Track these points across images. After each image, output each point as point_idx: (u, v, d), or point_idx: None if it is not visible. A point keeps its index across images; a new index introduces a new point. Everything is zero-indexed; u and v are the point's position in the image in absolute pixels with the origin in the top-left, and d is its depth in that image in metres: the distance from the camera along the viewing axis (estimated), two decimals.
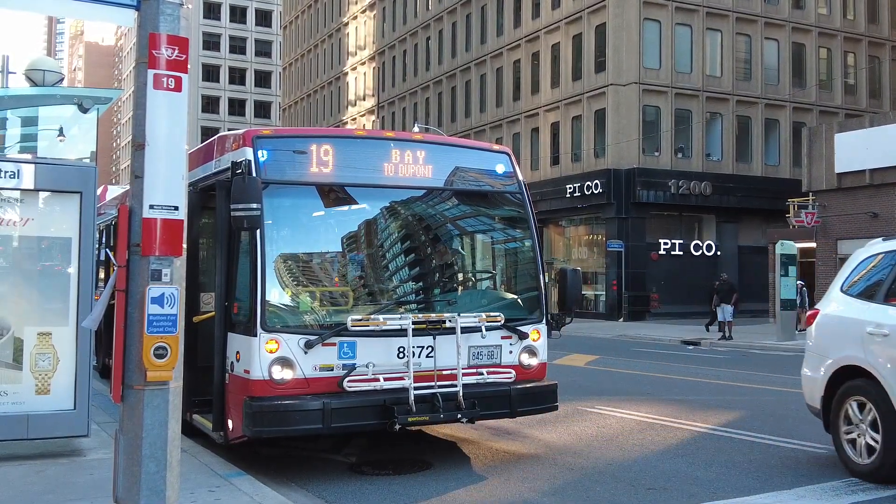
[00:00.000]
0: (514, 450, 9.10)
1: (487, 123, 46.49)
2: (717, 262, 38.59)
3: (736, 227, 40.28)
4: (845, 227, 31.35)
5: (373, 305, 8.23)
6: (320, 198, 8.30)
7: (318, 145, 8.11)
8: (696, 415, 11.32)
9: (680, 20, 39.14)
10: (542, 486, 7.58)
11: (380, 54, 58.99)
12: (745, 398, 13.15)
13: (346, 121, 63.88)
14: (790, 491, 7.23)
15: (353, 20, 63.92)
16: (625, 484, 7.60)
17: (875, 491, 7.17)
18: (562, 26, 41.21)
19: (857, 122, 32.91)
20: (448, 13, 50.53)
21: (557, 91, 41.57)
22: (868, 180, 30.30)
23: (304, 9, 73.67)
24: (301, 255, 8.31)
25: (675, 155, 38.93)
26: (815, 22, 42.08)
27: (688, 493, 7.24)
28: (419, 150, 8.49)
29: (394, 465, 8.26)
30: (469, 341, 8.02)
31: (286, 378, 7.40)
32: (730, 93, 40.11)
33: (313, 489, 7.36)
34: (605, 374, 16.82)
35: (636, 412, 11.54)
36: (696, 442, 9.54)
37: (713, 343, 25.13)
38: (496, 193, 9.12)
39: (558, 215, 40.87)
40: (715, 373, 17.01)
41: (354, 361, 7.60)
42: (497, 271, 9.54)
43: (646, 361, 19.51)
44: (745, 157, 40.69)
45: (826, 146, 31.85)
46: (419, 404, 7.60)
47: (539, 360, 8.56)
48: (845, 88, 43.00)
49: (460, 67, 49.25)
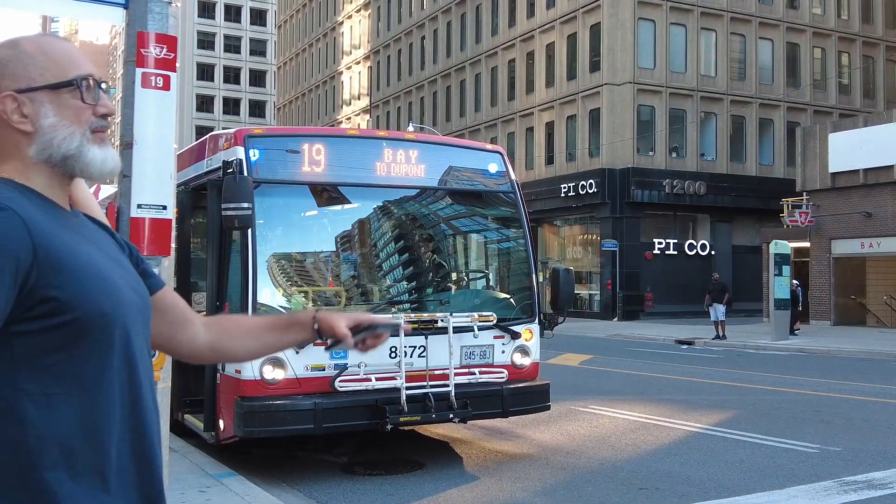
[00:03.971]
0: (506, 450, 9.09)
1: (482, 123, 46.48)
2: (711, 261, 38.62)
3: (730, 227, 40.33)
4: (839, 227, 31.42)
5: (365, 305, 8.22)
6: (312, 197, 8.28)
7: (309, 144, 8.09)
8: (689, 414, 11.32)
9: (674, 20, 39.16)
10: (535, 486, 7.57)
11: (374, 53, 58.95)
12: (737, 398, 13.16)
13: (340, 120, 63.84)
14: (782, 491, 7.23)
15: (347, 19, 63.87)
16: (617, 484, 7.59)
17: (866, 490, 7.18)
18: (556, 26, 41.22)
19: (851, 121, 32.98)
20: (442, 12, 50.51)
21: (552, 90, 41.57)
22: (862, 180, 30.36)
23: (299, 8, 73.58)
24: (293, 255, 8.29)
25: (669, 154, 38.95)
26: (809, 22, 42.14)
27: (680, 493, 7.24)
28: (412, 149, 8.47)
29: (385, 466, 8.24)
30: (461, 341, 8.00)
31: (277, 378, 7.38)
32: (724, 92, 40.14)
33: (305, 489, 7.34)
34: (599, 374, 16.83)
35: (629, 412, 11.54)
36: (688, 442, 9.54)
37: (707, 343, 25.16)
38: (489, 193, 9.10)
39: (553, 215, 40.87)
40: (708, 372, 17.02)
41: (346, 361, 7.58)
42: (490, 271, 9.53)
43: (640, 361, 19.52)
44: (739, 156, 40.73)
45: (820, 146, 31.92)
46: (411, 404, 7.58)
47: (532, 360, 8.55)
48: (839, 88, 43.06)
49: (455, 67, 49.23)
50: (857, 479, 7.58)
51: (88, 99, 1.65)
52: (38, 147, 1.63)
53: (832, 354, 21.76)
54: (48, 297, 1.51)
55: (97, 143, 1.67)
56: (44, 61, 1.63)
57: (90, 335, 1.55)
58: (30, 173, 1.64)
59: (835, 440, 9.46)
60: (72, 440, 1.52)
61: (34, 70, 1.62)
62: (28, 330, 1.50)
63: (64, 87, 1.63)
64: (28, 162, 1.64)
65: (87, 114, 1.66)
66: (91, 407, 1.55)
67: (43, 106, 1.62)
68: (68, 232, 1.61)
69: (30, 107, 1.61)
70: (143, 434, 1.64)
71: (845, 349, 22.39)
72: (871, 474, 7.79)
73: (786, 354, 21.99)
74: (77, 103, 1.64)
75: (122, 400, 1.60)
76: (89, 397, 1.55)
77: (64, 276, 1.53)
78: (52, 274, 1.51)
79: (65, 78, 1.63)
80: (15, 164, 1.64)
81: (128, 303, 1.62)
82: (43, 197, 1.63)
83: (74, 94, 1.64)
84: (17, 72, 1.62)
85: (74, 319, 1.52)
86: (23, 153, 1.63)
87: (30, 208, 1.55)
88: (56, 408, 1.52)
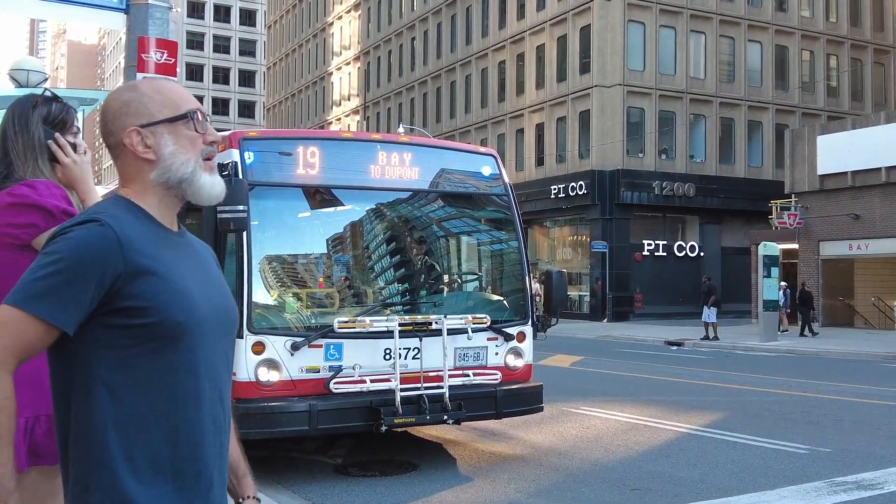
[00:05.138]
0: (499, 451, 9.14)
1: (472, 124, 46.54)
2: (700, 263, 38.80)
3: (719, 229, 40.50)
4: (827, 229, 31.60)
5: (359, 307, 8.25)
6: (307, 200, 8.31)
7: (304, 147, 8.12)
8: (680, 415, 11.40)
9: (664, 22, 39.31)
10: (528, 486, 7.63)
11: (365, 54, 58.93)
12: (727, 399, 13.25)
13: (330, 121, 63.79)
14: (773, 491, 7.30)
15: (337, 20, 63.82)
16: (609, 484, 7.65)
17: (857, 491, 7.26)
18: (547, 28, 41.31)
19: (840, 124, 33.18)
20: (433, 14, 50.55)
21: (542, 92, 41.67)
22: (850, 182, 30.55)
23: (289, 8, 73.49)
24: (287, 257, 8.32)
25: (658, 156, 39.10)
26: (798, 24, 42.36)
27: (672, 494, 7.30)
28: (406, 152, 8.51)
29: (380, 467, 8.28)
30: (455, 343, 8.04)
31: (272, 380, 7.41)
32: (713, 95, 40.32)
33: (299, 490, 7.37)
34: (590, 375, 16.90)
35: (620, 413, 11.61)
36: (679, 443, 9.62)
37: (696, 343, 25.28)
38: (482, 195, 9.16)
39: (543, 216, 40.96)
40: (698, 373, 17.12)
41: (341, 363, 7.61)
42: (483, 273, 9.58)
43: (630, 362, 19.61)
44: (728, 158, 40.90)
45: (808, 148, 32.11)
46: (405, 406, 7.62)
47: (525, 362, 8.60)
48: (828, 91, 43.30)
49: (445, 68, 49.27)
50: (847, 480, 7.66)
51: (200, 129, 1.93)
52: (158, 172, 1.90)
53: (820, 356, 21.91)
54: (129, 302, 1.77)
55: (207, 170, 1.94)
56: (161, 99, 1.92)
57: (163, 339, 1.79)
58: (146, 195, 1.91)
59: (824, 441, 9.54)
60: (131, 426, 1.76)
61: (153, 107, 1.91)
62: (107, 324, 1.77)
63: (179, 120, 1.91)
64: (147, 185, 1.91)
65: (199, 142, 1.94)
66: (154, 403, 1.79)
67: (163, 137, 1.90)
68: (165, 249, 1.87)
69: (152, 139, 1.89)
70: (200, 437, 1.85)
71: (834, 350, 22.54)
72: (861, 475, 7.88)
73: (774, 356, 22.12)
74: (191, 133, 1.92)
75: (184, 403, 1.82)
76: (154, 394, 1.79)
77: (147, 286, 1.78)
78: (136, 283, 1.77)
79: (179, 112, 1.92)
80: (136, 186, 1.92)
81: (203, 317, 1.86)
82: (149, 216, 1.90)
83: (188, 125, 1.92)
84: (140, 110, 1.90)
85: (150, 324, 1.78)
86: (145, 178, 1.91)
87: (132, 225, 1.83)
88: (124, 397, 1.77)
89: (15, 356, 1.73)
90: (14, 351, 1.72)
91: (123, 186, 1.94)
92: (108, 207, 1.86)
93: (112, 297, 1.76)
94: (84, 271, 1.73)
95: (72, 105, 2.97)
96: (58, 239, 1.78)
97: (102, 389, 1.76)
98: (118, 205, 1.88)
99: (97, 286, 1.74)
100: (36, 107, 2.75)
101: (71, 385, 1.78)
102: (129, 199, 1.90)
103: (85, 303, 1.74)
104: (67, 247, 1.75)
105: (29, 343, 1.73)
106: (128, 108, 1.90)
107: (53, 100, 2.79)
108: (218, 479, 1.91)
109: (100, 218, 1.78)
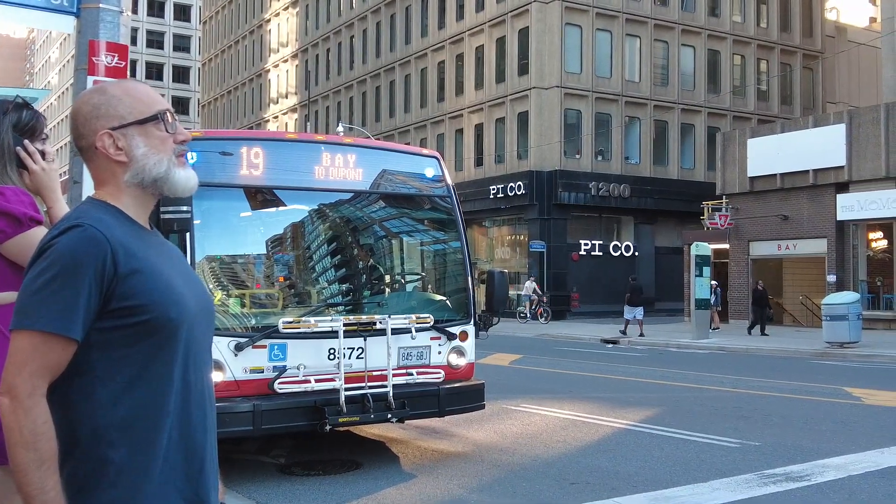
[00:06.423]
0: (442, 448, 9.26)
1: (412, 124, 46.62)
2: (634, 262, 39.49)
3: (653, 229, 41.28)
4: (757, 229, 32.47)
5: (304, 307, 8.29)
6: (250, 200, 8.32)
7: (248, 148, 8.12)
8: (616, 412, 11.67)
9: (601, 26, 39.91)
10: (470, 482, 7.76)
11: (303, 52, 58.55)
12: (661, 395, 13.59)
13: (267, 119, 63.22)
14: (706, 483, 7.56)
15: (275, 17, 63.28)
16: (549, 479, 7.83)
17: (786, 483, 7.55)
18: (485, 29, 41.61)
19: (769, 127, 34.11)
20: (372, 12, 50.47)
21: (481, 93, 41.96)
22: (779, 184, 31.43)
23: (225, 4, 72.59)
24: (231, 258, 8.31)
25: (595, 158, 39.69)
26: (729, 30, 43.39)
27: (609, 487, 7.51)
28: (350, 153, 8.56)
29: (323, 466, 8.33)
30: (399, 342, 8.14)
31: (216, 381, 7.39)
32: (648, 98, 41.07)
33: (244, 491, 7.38)
34: (529, 373, 17.13)
35: (559, 410, 11.83)
36: (616, 438, 9.86)
37: (632, 341, 25.77)
38: (426, 197, 9.26)
39: (482, 216, 41.25)
40: (633, 370, 17.48)
41: (285, 363, 7.65)
42: (426, 273, 9.69)
43: (567, 360, 19.92)
44: (661, 160, 41.71)
45: (739, 151, 32.95)
46: (350, 405, 7.69)
47: (467, 360, 8.73)
48: (758, 95, 44.45)
49: (384, 67, 49.25)
50: (777, 472, 7.96)
51: (170, 129, 1.98)
52: (132, 173, 1.94)
53: (751, 353, 22.51)
54: (123, 302, 1.80)
55: (180, 165, 2.01)
56: (130, 101, 1.95)
57: (157, 335, 1.84)
58: (121, 195, 1.94)
59: (754, 435, 9.88)
60: (132, 422, 1.80)
61: (123, 109, 1.94)
62: (103, 326, 1.80)
63: (150, 121, 1.95)
64: (122, 186, 1.95)
65: (170, 142, 1.99)
66: (151, 396, 1.82)
67: (134, 139, 1.94)
68: (146, 248, 1.90)
69: (123, 141, 1.93)
70: (189, 423, 1.90)
71: (763, 347, 23.18)
72: (789, 467, 8.19)
73: (706, 353, 22.67)
74: (161, 133, 1.97)
75: (177, 394, 1.87)
76: (151, 388, 1.82)
77: (139, 285, 1.82)
78: (128, 283, 1.81)
79: (149, 113, 1.96)
80: (110, 188, 1.95)
81: (191, 311, 1.89)
82: (127, 216, 1.93)
83: (158, 126, 1.97)
84: (110, 112, 1.93)
85: (145, 321, 1.82)
86: (118, 179, 1.94)
87: (115, 227, 1.85)
88: (122, 393, 1.81)
89: (45, 379, 1.74)
90: (43, 374, 1.73)
91: (97, 189, 1.96)
92: (88, 211, 1.88)
93: (108, 299, 1.79)
94: (82, 276, 1.75)
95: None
96: (47, 251, 1.78)
97: (102, 390, 1.79)
98: (97, 207, 1.90)
99: (97, 288, 1.77)
100: (7, 113, 2.77)
101: (70, 386, 1.80)
102: (105, 201, 1.92)
103: (91, 308, 1.77)
104: (59, 256, 1.76)
105: (54, 362, 1.75)
106: (98, 111, 1.92)
107: (24, 106, 2.82)
108: (210, 461, 1.96)
109: (83, 222, 1.80)
